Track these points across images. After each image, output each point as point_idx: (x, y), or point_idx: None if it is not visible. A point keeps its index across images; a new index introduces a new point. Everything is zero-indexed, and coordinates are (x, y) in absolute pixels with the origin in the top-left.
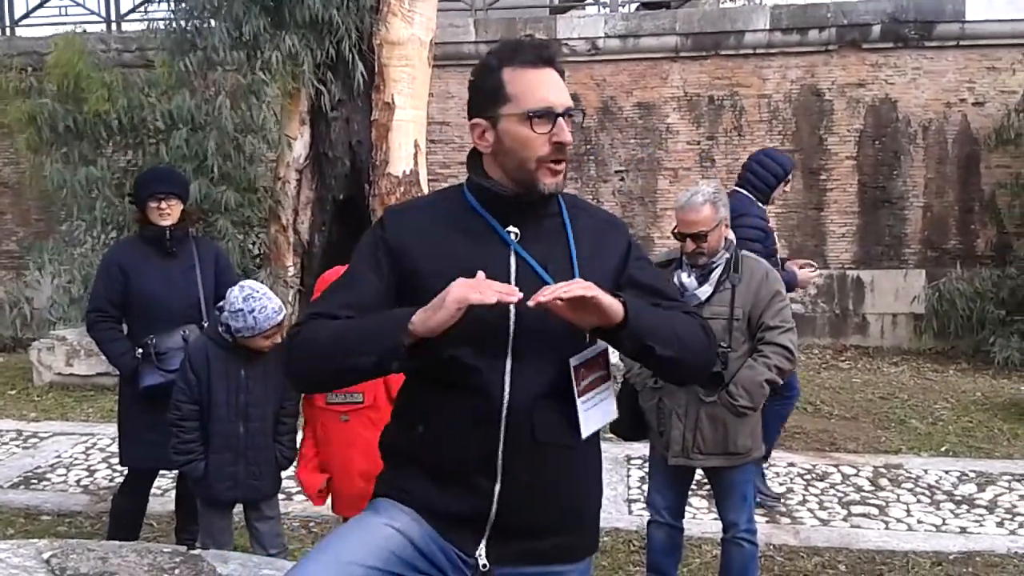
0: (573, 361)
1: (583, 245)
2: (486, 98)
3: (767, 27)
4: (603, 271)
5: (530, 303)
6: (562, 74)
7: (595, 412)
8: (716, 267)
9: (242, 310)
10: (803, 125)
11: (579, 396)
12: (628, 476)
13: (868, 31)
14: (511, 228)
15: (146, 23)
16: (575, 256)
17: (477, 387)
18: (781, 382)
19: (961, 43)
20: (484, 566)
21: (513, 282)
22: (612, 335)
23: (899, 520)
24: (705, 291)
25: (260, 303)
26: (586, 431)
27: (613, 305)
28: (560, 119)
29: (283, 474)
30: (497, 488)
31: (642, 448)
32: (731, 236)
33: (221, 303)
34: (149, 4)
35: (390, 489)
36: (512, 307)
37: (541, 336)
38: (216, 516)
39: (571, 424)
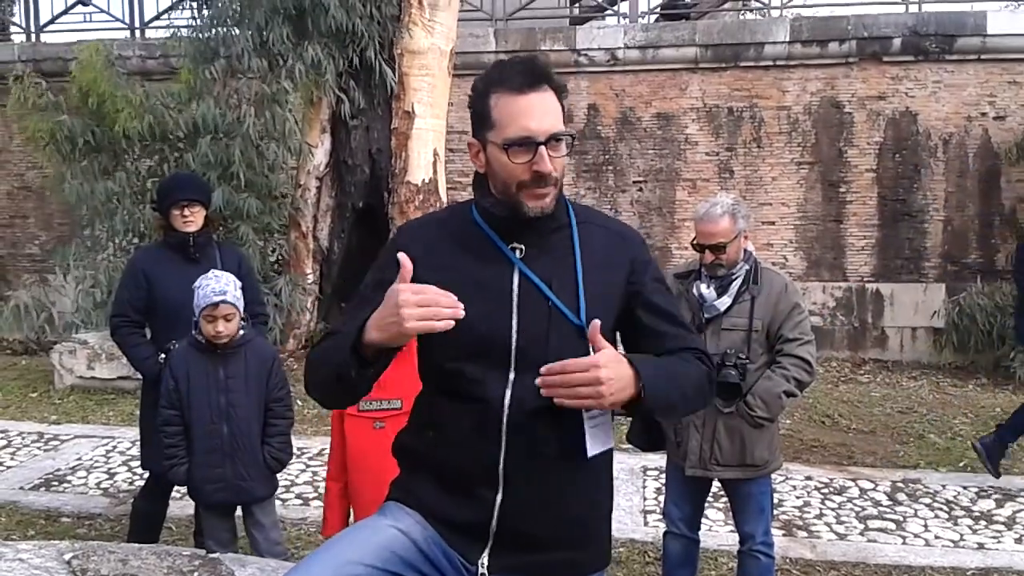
0: None
1: (591, 260)
2: (476, 120)
3: (787, 39)
4: (610, 286)
5: (537, 381)
6: (559, 90)
7: (599, 433)
8: (736, 278)
9: (197, 286)
10: (823, 137)
11: (586, 411)
12: (644, 487)
13: (889, 44)
14: (515, 244)
15: (170, 30)
16: (580, 272)
17: (480, 398)
18: (799, 394)
19: (982, 57)
20: (483, 575)
21: (516, 300)
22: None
23: (916, 535)
24: (724, 302)
25: (206, 281)
26: (592, 450)
27: (625, 392)
28: (542, 148)
29: (299, 480)
30: (499, 499)
31: (658, 459)
32: (750, 247)
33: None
34: (173, 11)
35: (400, 492)
36: (514, 323)
37: (542, 351)
38: (215, 519)
39: (573, 440)
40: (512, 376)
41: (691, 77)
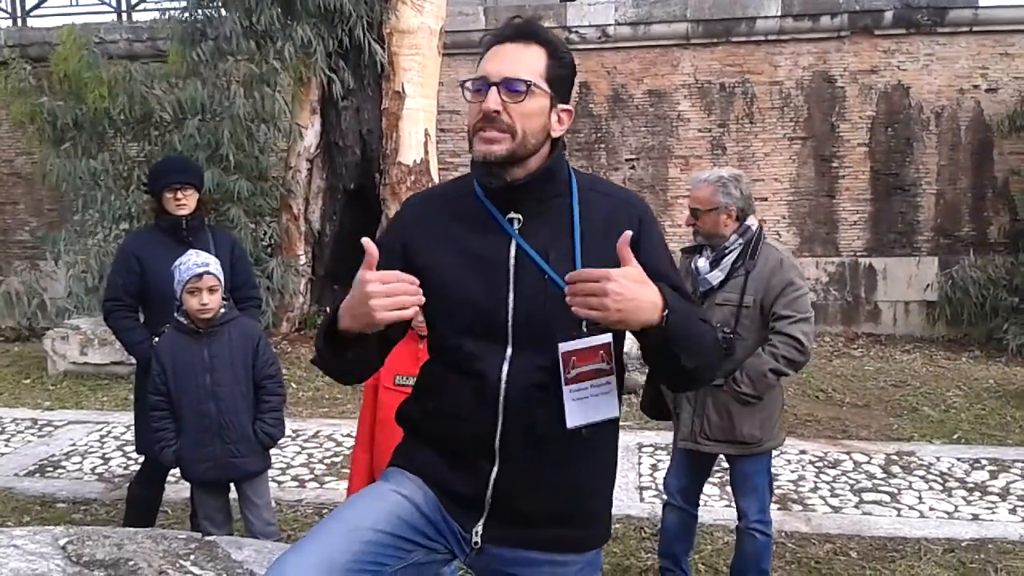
0: (562, 347)
1: (591, 227)
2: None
3: (778, 13)
4: (612, 253)
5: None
6: (551, 48)
7: (586, 405)
8: (729, 252)
9: (176, 266)
10: (815, 112)
11: (566, 384)
12: (640, 463)
13: (880, 17)
14: (513, 215)
15: (157, 13)
16: (578, 241)
17: (477, 373)
18: (790, 373)
19: (974, 29)
20: (476, 543)
21: (512, 271)
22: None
23: (911, 507)
24: (716, 276)
25: (186, 257)
26: (571, 422)
27: (642, 314)
28: (492, 88)
29: (294, 462)
30: (494, 472)
31: (654, 436)
32: (750, 223)
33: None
34: None
35: (401, 459)
36: (510, 297)
37: (539, 326)
38: (209, 497)
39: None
40: (510, 351)
41: (682, 53)
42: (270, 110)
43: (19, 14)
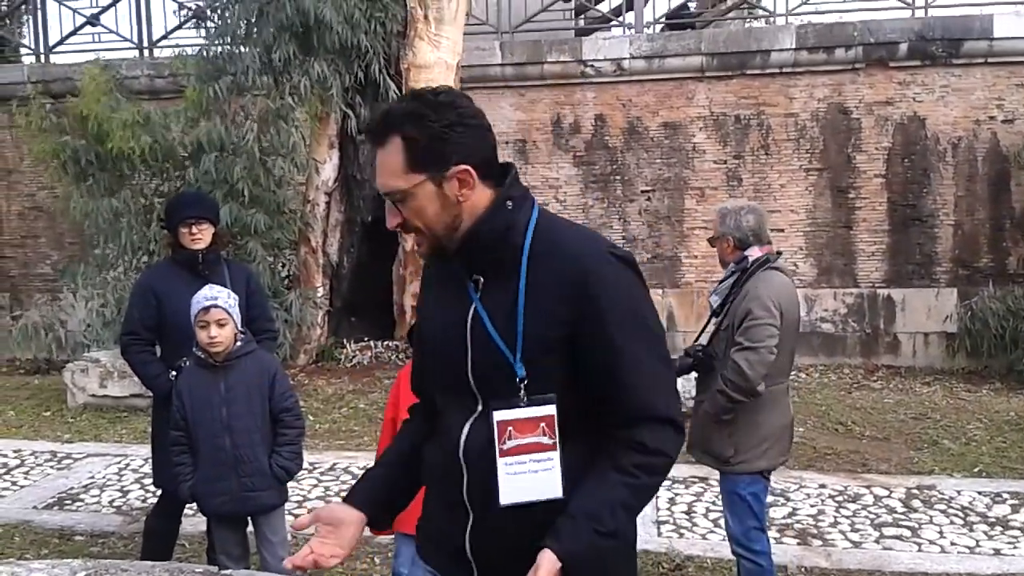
0: (496, 415)
1: (536, 288)
2: None
3: (793, 46)
4: (551, 319)
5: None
6: (404, 126)
7: (524, 481)
8: (725, 280)
9: (192, 300)
10: (831, 144)
11: (500, 456)
12: (657, 497)
13: (895, 49)
14: (476, 276)
15: (177, 50)
16: (521, 305)
17: (446, 427)
18: (736, 397)
19: (989, 60)
20: None
21: (468, 333)
22: None
23: (932, 542)
24: (715, 300)
25: (200, 291)
26: (504, 499)
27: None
28: (387, 202)
29: (311, 495)
30: (469, 524)
31: (671, 470)
32: (749, 253)
33: None
34: (181, 30)
35: (419, 518)
36: (469, 357)
37: (494, 388)
38: (225, 531)
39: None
40: (479, 408)
41: (697, 86)
42: (286, 144)
43: (42, 51)
